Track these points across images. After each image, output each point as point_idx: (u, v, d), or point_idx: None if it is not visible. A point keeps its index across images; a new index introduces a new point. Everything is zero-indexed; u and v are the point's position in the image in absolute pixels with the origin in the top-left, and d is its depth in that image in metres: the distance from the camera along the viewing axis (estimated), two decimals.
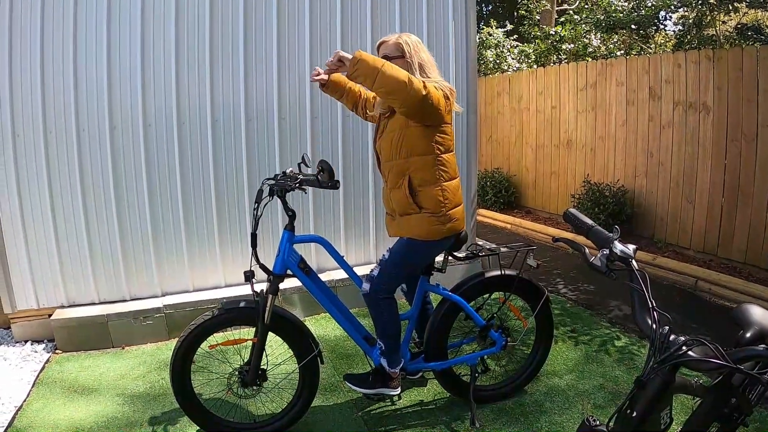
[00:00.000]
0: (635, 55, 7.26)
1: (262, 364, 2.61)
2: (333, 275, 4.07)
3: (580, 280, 4.93)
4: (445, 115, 2.47)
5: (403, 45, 2.50)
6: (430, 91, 2.33)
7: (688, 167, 5.29)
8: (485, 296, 2.91)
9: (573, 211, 1.84)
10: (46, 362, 3.45)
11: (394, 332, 2.64)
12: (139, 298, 3.86)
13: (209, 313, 2.52)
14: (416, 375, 3.09)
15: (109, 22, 3.54)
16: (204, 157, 3.87)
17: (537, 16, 10.03)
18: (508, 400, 2.94)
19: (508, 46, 9.68)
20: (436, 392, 3.04)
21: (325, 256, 2.82)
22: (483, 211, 7.56)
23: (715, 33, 6.61)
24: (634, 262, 1.57)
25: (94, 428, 2.76)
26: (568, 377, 3.18)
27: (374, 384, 2.72)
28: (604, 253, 1.62)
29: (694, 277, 4.68)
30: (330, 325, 3.84)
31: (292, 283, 2.75)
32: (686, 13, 6.88)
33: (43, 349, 3.61)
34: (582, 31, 8.43)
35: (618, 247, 1.60)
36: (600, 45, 8.26)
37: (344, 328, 2.76)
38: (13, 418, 2.84)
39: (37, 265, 3.67)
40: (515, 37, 10.19)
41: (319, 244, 2.79)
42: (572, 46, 8.46)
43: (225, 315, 2.52)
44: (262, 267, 2.57)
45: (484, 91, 8.25)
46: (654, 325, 1.42)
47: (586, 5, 9.20)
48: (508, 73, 8.40)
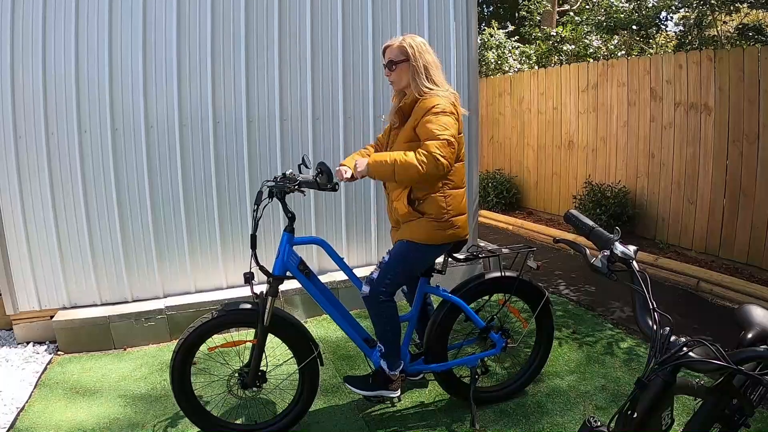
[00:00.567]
0: (636, 55, 7.26)
1: (262, 366, 2.61)
2: (334, 276, 4.08)
3: (582, 281, 4.92)
4: (458, 148, 2.49)
5: (407, 48, 2.51)
6: (443, 158, 2.35)
7: (689, 168, 5.28)
8: (485, 298, 2.91)
9: (574, 212, 1.84)
10: (48, 363, 3.46)
11: (394, 335, 2.64)
12: (141, 300, 3.86)
13: (208, 315, 2.52)
14: (417, 376, 3.09)
15: (111, 23, 3.54)
16: (206, 159, 3.87)
17: (538, 17, 10.03)
18: (509, 401, 2.94)
19: (510, 47, 9.68)
20: (437, 394, 3.03)
21: (326, 258, 2.82)
22: (485, 212, 7.56)
23: (716, 33, 6.61)
24: (634, 263, 1.57)
25: (96, 429, 2.76)
26: (570, 378, 3.17)
27: (374, 386, 2.72)
28: (605, 254, 1.62)
29: (695, 278, 4.67)
30: (331, 327, 3.84)
31: (293, 284, 2.76)
32: (687, 14, 6.88)
33: (45, 351, 3.61)
34: (583, 32, 8.43)
35: (619, 249, 1.60)
36: (601, 46, 8.25)
37: (344, 329, 2.76)
38: (15, 419, 2.84)
39: (39, 267, 3.68)
40: (516, 38, 10.20)
41: (319, 246, 2.80)
42: (573, 47, 8.46)
43: (224, 317, 2.52)
44: (262, 269, 2.57)
45: (486, 92, 8.25)
46: (655, 326, 1.42)
47: (587, 6, 9.20)
48: (510, 74, 8.40)
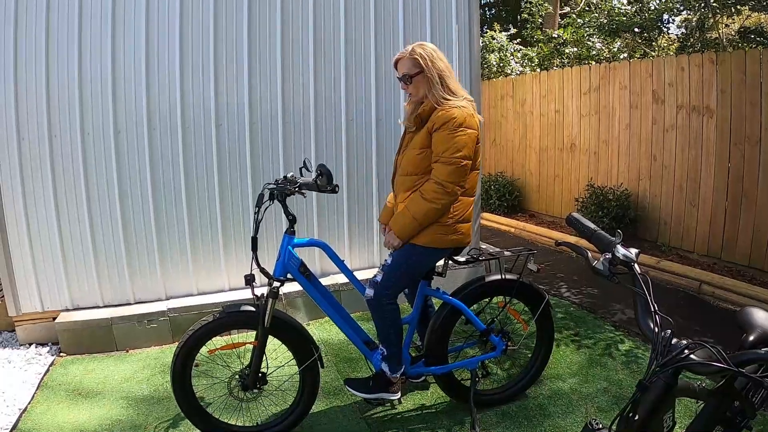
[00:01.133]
0: (638, 58, 7.25)
1: (263, 368, 2.61)
2: (337, 279, 4.08)
3: (584, 284, 4.92)
4: (474, 158, 2.51)
5: (419, 59, 2.48)
6: (452, 184, 2.42)
7: (691, 170, 5.28)
8: (486, 300, 2.91)
9: (576, 215, 1.85)
10: (51, 365, 3.46)
11: (397, 337, 2.65)
12: (144, 302, 3.87)
13: (208, 317, 2.52)
14: (419, 379, 3.09)
15: (114, 26, 3.56)
16: (208, 161, 3.88)
17: (539, 20, 10.04)
18: (511, 404, 2.94)
19: (512, 50, 9.68)
20: (438, 396, 3.03)
21: (328, 260, 2.82)
22: (487, 215, 7.56)
23: (718, 36, 6.61)
24: (636, 266, 1.58)
25: (98, 431, 2.76)
26: (572, 381, 3.17)
27: (374, 389, 2.71)
28: (607, 257, 1.62)
29: (697, 281, 4.66)
30: (333, 330, 3.84)
31: (295, 287, 2.76)
32: (689, 16, 6.88)
33: (48, 352, 3.62)
34: (584, 34, 8.43)
35: (620, 251, 1.60)
36: (603, 48, 8.25)
37: (344, 332, 2.77)
38: (18, 421, 2.85)
39: (42, 268, 3.69)
40: (518, 40, 10.20)
41: (321, 248, 2.80)
42: (575, 50, 8.46)
43: (225, 318, 2.53)
44: (263, 271, 2.58)
45: (488, 94, 8.25)
46: (656, 329, 1.42)
47: (588, 8, 9.20)
48: (512, 77, 8.41)
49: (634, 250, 1.61)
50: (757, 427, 2.57)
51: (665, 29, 7.71)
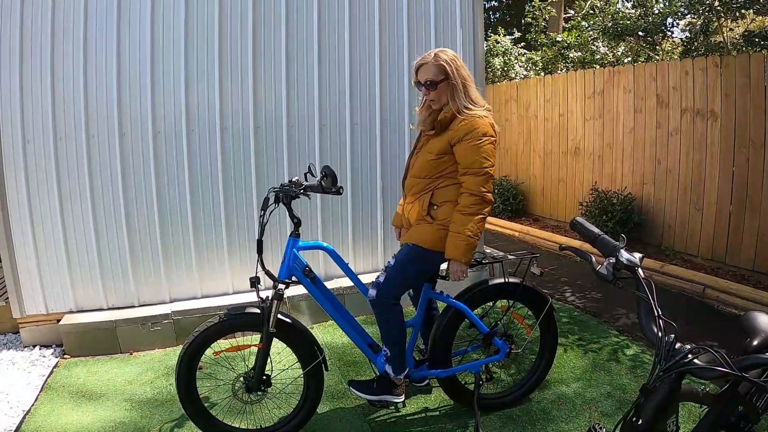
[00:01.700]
0: (642, 62, 7.24)
1: (267, 370, 2.62)
2: (341, 282, 4.09)
3: (588, 288, 4.91)
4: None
5: (445, 66, 2.47)
6: (489, 193, 2.48)
7: (695, 174, 5.27)
8: (489, 304, 2.91)
9: (580, 219, 1.85)
10: (54, 367, 3.47)
11: (400, 339, 2.65)
12: (148, 304, 3.88)
13: (213, 320, 2.53)
14: (422, 382, 3.08)
15: (119, 29, 3.58)
16: (213, 165, 3.90)
17: (543, 23, 10.04)
18: (515, 408, 2.93)
19: (516, 54, 9.69)
20: (442, 399, 3.03)
21: (333, 263, 2.83)
22: (491, 219, 7.55)
23: (722, 40, 6.60)
24: (640, 270, 1.58)
25: None
26: (576, 385, 3.16)
27: (378, 391, 2.71)
28: (611, 261, 1.62)
29: (701, 285, 4.65)
30: (338, 333, 3.85)
31: (300, 290, 2.77)
32: (693, 20, 6.87)
33: (52, 354, 3.63)
34: (588, 38, 8.43)
35: (624, 256, 1.60)
36: (607, 52, 8.25)
37: (348, 334, 2.77)
38: (21, 422, 2.86)
39: (46, 271, 3.70)
40: (522, 44, 10.21)
41: (325, 252, 2.81)
42: (579, 54, 8.46)
43: (229, 321, 2.53)
44: (268, 273, 2.58)
45: (492, 98, 8.26)
46: (660, 333, 1.42)
47: (592, 12, 9.20)
48: (516, 81, 8.42)
49: (637, 255, 1.61)
50: None
51: (669, 33, 7.70)
